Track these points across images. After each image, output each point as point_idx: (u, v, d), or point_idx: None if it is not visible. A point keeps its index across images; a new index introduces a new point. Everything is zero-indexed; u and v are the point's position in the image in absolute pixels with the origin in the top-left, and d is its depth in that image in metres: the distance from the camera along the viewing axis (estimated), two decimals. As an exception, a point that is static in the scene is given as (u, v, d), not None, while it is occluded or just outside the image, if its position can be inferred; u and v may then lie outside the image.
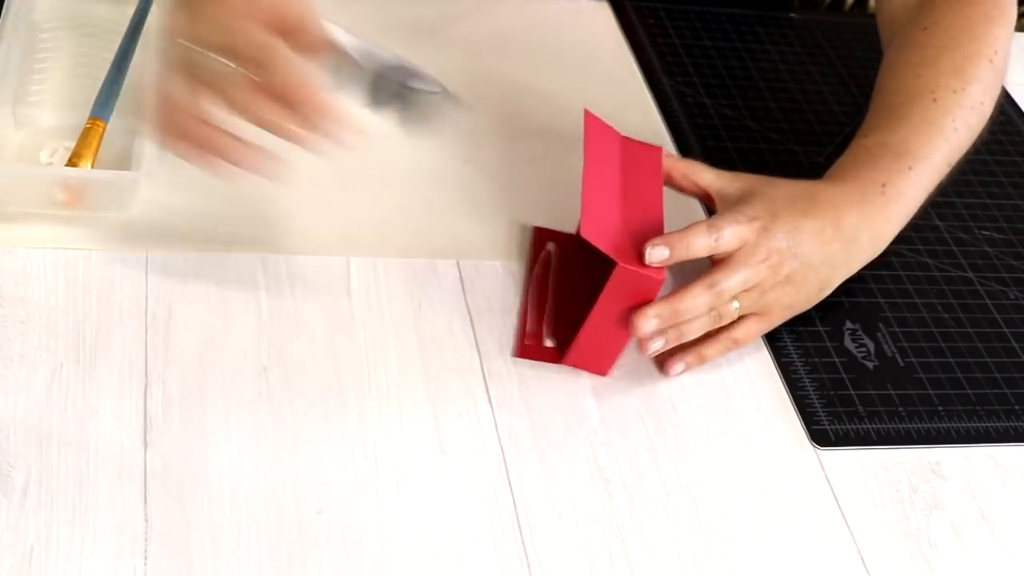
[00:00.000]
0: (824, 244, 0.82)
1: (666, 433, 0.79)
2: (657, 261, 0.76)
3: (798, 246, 0.80)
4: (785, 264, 0.80)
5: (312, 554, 0.68)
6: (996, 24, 0.92)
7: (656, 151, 0.85)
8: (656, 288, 0.76)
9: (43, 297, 0.77)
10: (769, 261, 0.79)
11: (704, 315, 0.79)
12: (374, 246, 0.86)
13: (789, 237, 0.80)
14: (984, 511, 0.79)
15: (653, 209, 0.81)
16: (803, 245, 0.81)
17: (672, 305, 0.77)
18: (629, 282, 0.76)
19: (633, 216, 0.79)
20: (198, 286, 0.80)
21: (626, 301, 0.77)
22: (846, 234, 0.83)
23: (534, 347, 0.81)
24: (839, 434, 0.81)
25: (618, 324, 0.78)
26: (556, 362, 0.81)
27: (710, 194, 0.85)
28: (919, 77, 0.90)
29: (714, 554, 0.73)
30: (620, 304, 0.77)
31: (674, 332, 0.78)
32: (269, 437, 0.73)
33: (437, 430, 0.76)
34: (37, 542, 0.65)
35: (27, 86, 0.89)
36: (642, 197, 0.81)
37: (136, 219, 0.83)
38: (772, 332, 0.86)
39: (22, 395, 0.72)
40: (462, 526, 0.71)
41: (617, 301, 0.77)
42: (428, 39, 1.06)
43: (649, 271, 0.76)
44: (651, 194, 0.82)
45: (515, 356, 0.81)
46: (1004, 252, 0.99)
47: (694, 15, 1.18)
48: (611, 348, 0.80)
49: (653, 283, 0.76)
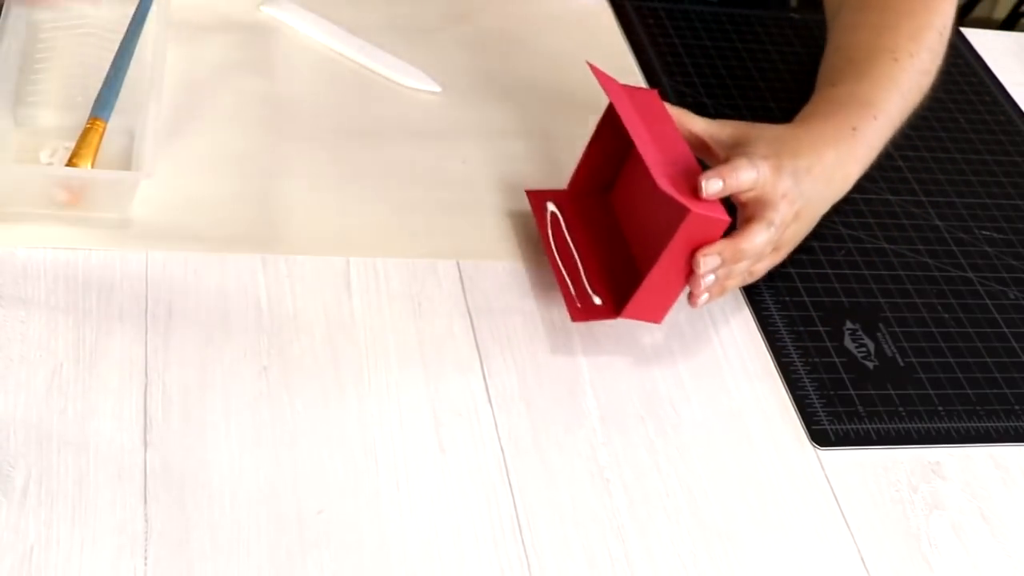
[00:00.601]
0: (814, 181, 0.86)
1: (666, 433, 0.79)
2: (713, 193, 0.79)
3: (800, 184, 0.84)
4: (797, 200, 0.84)
5: (312, 554, 0.68)
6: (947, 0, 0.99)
7: (653, 94, 0.87)
8: (722, 230, 0.78)
9: (43, 297, 0.77)
10: (788, 197, 0.83)
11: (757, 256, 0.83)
12: (374, 246, 0.86)
13: (792, 175, 0.84)
14: (984, 511, 0.79)
15: (682, 149, 0.83)
16: (803, 183, 0.85)
17: (735, 244, 0.81)
18: (698, 227, 0.78)
19: (673, 159, 0.81)
20: (198, 286, 0.80)
21: (691, 246, 0.78)
22: (827, 172, 0.87)
23: (587, 308, 0.82)
24: (839, 434, 0.81)
25: (678, 269, 0.79)
26: (613, 318, 0.82)
27: (703, 139, 0.88)
28: (880, 37, 0.95)
29: (714, 554, 0.73)
30: (685, 250, 0.79)
31: (724, 271, 0.82)
32: (269, 437, 0.73)
33: (437, 430, 0.76)
34: (37, 542, 0.65)
35: (26, 86, 0.89)
36: (669, 141, 0.83)
37: (136, 219, 0.83)
38: (771, 331, 0.86)
39: (22, 395, 0.72)
40: (462, 526, 0.71)
41: (683, 247, 0.78)
42: (428, 39, 1.06)
43: (717, 213, 0.78)
44: (673, 135, 0.84)
45: (573, 321, 0.82)
46: (1004, 252, 0.99)
47: (694, 15, 1.18)
48: (669, 294, 0.81)
49: (720, 224, 0.78)
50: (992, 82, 1.19)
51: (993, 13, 2.48)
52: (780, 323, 0.88)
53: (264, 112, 0.95)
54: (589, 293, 0.83)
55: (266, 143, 0.92)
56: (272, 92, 0.97)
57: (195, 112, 0.93)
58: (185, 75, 0.95)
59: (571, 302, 0.82)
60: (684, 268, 0.79)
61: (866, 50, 0.95)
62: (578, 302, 0.82)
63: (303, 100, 0.97)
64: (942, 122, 1.12)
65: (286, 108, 0.96)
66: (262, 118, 0.94)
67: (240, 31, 1.02)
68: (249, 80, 0.97)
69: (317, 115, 0.96)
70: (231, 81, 0.96)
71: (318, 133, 0.94)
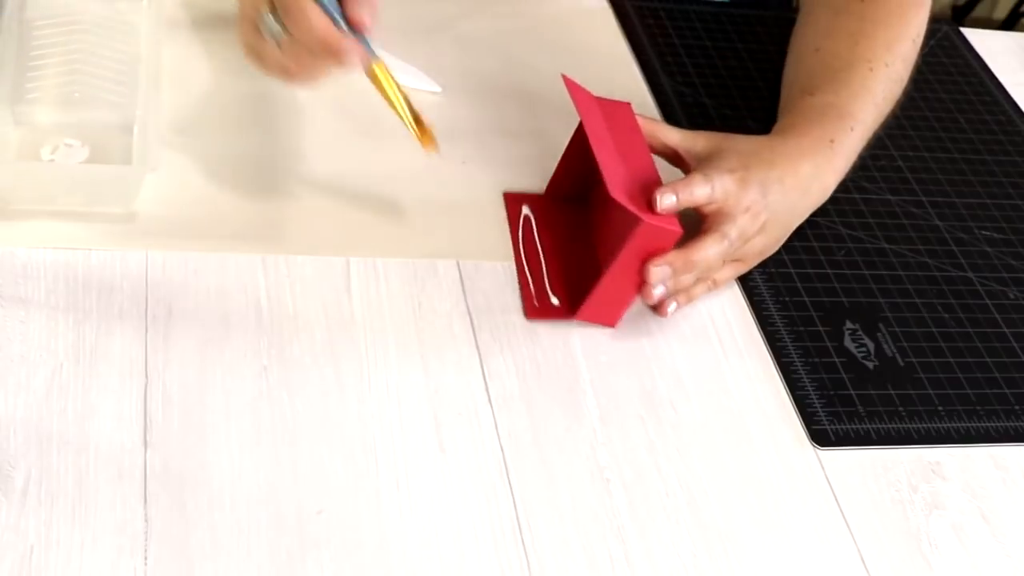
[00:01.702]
0: (786, 193, 0.88)
1: (666, 433, 0.79)
2: (667, 208, 0.81)
3: (768, 195, 0.86)
4: (762, 213, 0.86)
5: (312, 554, 0.68)
6: (922, 8, 1.01)
7: (626, 106, 0.89)
8: (674, 241, 0.81)
9: (43, 297, 0.77)
10: (751, 211, 0.85)
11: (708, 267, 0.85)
12: (374, 246, 0.86)
13: (760, 188, 0.86)
14: (984, 511, 0.79)
15: (646, 162, 0.86)
16: (772, 195, 0.86)
17: (686, 255, 0.83)
18: (650, 237, 0.80)
19: (634, 171, 0.83)
20: (198, 286, 0.80)
21: (643, 255, 0.81)
22: (803, 184, 0.89)
23: (544, 307, 0.84)
24: (839, 434, 0.81)
25: (631, 276, 0.82)
26: (567, 319, 0.84)
27: (677, 151, 0.90)
28: (858, 46, 0.97)
29: (714, 554, 0.73)
30: (637, 258, 0.81)
31: (672, 281, 0.84)
32: (269, 437, 0.73)
33: (437, 430, 0.76)
34: (37, 542, 0.65)
35: (24, 84, 0.89)
36: (634, 152, 0.86)
37: (136, 218, 0.83)
38: (771, 331, 0.86)
39: (22, 395, 0.72)
40: (462, 526, 0.71)
41: (635, 255, 0.81)
42: (428, 39, 1.06)
43: (669, 224, 0.80)
44: (639, 148, 0.86)
45: (527, 319, 0.83)
46: (1004, 252, 0.99)
47: (694, 15, 1.18)
48: (622, 300, 0.83)
49: (672, 235, 0.81)
50: (992, 82, 1.19)
51: (993, 13, 2.48)
52: (780, 323, 0.88)
53: (264, 112, 0.95)
54: (548, 293, 0.85)
55: (266, 143, 0.92)
56: (272, 92, 0.96)
57: (194, 112, 0.93)
58: (184, 75, 0.95)
59: (528, 300, 0.84)
60: (637, 276, 0.82)
61: (844, 59, 0.96)
62: (536, 301, 0.84)
63: (303, 100, 0.97)
64: (942, 122, 1.12)
65: (286, 108, 0.95)
66: (262, 118, 0.94)
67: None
68: (248, 80, 0.97)
69: (317, 115, 0.96)
70: (230, 81, 0.96)
71: (318, 133, 0.94)
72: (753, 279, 0.91)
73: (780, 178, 0.87)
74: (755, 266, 0.90)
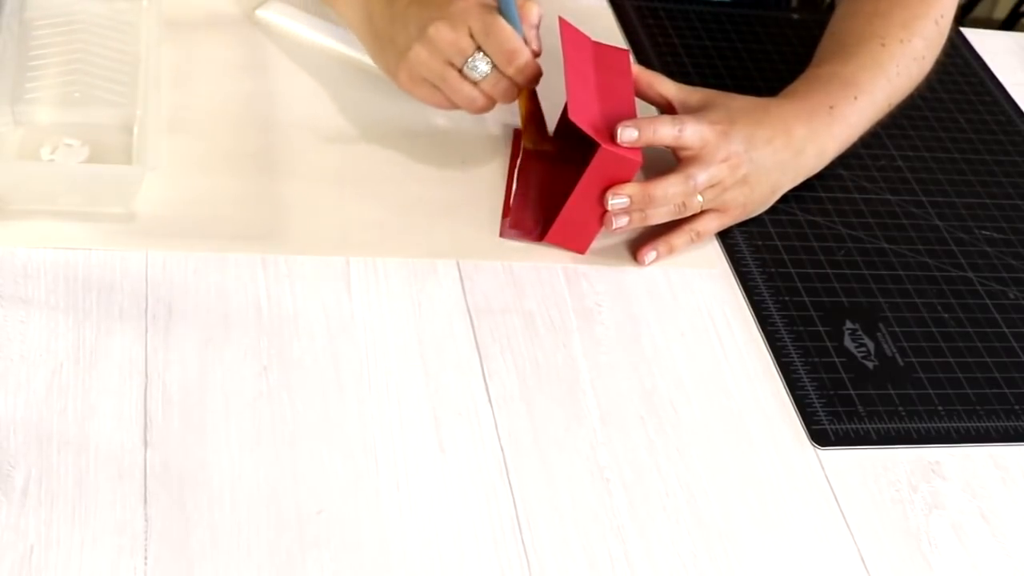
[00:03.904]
0: (775, 151, 0.90)
1: (666, 433, 0.79)
2: (627, 141, 0.84)
3: (753, 150, 0.89)
4: (742, 166, 0.88)
5: (312, 554, 0.68)
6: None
7: (624, 53, 0.93)
8: (633, 169, 0.85)
9: (43, 297, 0.77)
10: (729, 162, 0.87)
11: (671, 204, 0.87)
12: (374, 246, 0.86)
13: (745, 142, 0.88)
14: (984, 511, 0.79)
15: (626, 102, 0.89)
16: (757, 150, 0.89)
17: (646, 190, 0.86)
18: (609, 163, 0.84)
19: (610, 107, 0.87)
20: (198, 286, 0.80)
21: (605, 181, 0.85)
22: (795, 144, 0.91)
23: (516, 227, 0.89)
24: (839, 434, 0.81)
25: (596, 204, 0.86)
26: (537, 240, 0.88)
27: (672, 103, 0.93)
28: (871, 24, 0.99)
29: (714, 554, 0.73)
30: (599, 184, 0.85)
31: (639, 215, 0.87)
32: (269, 437, 0.73)
33: (437, 430, 0.76)
34: (37, 542, 0.65)
35: (24, 83, 0.89)
36: (616, 92, 0.89)
37: (136, 218, 0.83)
38: (771, 331, 0.86)
39: (22, 395, 0.72)
40: (462, 526, 0.71)
41: (597, 181, 0.85)
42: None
43: (628, 153, 0.84)
44: (624, 90, 0.90)
45: (500, 237, 0.88)
46: (1004, 252, 0.99)
47: (694, 15, 1.18)
48: (589, 227, 0.87)
49: (631, 164, 0.84)
50: (992, 82, 1.19)
51: (993, 13, 2.48)
52: (780, 323, 0.88)
53: (264, 112, 0.95)
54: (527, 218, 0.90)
55: (266, 143, 0.92)
56: (272, 92, 0.97)
57: (194, 112, 0.93)
58: (184, 75, 0.95)
59: (504, 223, 0.89)
60: (600, 205, 0.86)
61: (856, 36, 0.98)
62: (511, 223, 0.89)
63: (303, 100, 0.97)
64: (942, 122, 1.12)
65: (286, 108, 0.95)
66: (262, 118, 0.94)
67: (238, 30, 1.02)
68: (248, 80, 0.97)
69: (317, 115, 0.96)
70: (230, 81, 0.96)
71: (318, 133, 0.94)
72: (753, 279, 0.91)
73: (769, 138, 0.89)
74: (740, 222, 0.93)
